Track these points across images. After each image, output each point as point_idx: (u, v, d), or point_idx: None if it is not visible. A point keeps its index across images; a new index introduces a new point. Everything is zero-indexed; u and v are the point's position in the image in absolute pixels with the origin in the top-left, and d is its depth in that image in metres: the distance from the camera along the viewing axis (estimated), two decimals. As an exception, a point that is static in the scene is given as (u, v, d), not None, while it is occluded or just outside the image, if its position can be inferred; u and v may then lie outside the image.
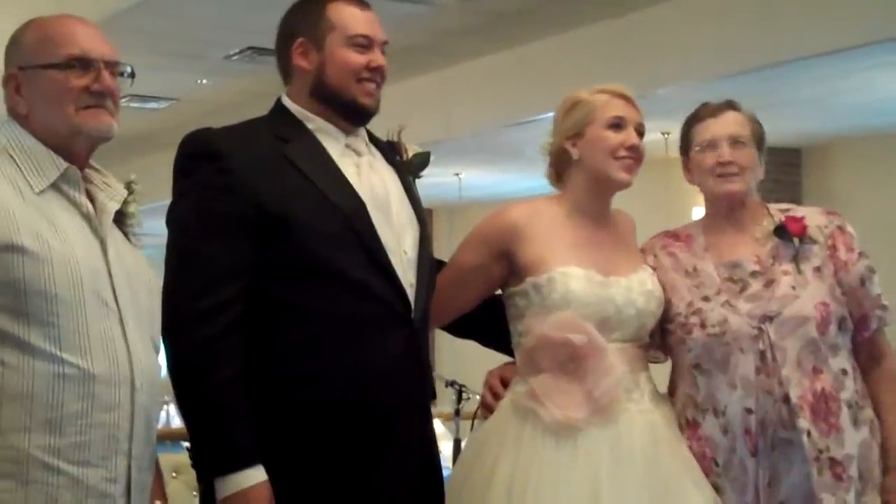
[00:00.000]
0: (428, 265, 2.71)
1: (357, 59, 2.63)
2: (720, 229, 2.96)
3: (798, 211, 2.96)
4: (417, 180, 2.88)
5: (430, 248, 2.74)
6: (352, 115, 2.66)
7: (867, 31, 6.50)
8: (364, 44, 2.64)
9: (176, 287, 2.45)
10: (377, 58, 2.65)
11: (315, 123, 2.65)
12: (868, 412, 2.84)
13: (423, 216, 2.76)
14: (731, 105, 2.97)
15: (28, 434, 2.10)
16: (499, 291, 2.93)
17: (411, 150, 2.86)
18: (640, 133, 2.88)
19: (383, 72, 2.67)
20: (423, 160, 2.89)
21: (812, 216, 2.94)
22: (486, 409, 2.94)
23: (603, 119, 2.84)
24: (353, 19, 2.65)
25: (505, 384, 2.91)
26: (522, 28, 8.11)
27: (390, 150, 2.81)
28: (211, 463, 2.44)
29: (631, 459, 2.69)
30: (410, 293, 2.60)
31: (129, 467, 2.22)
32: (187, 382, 2.43)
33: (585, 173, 2.87)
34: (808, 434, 2.72)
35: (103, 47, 2.31)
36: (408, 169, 2.83)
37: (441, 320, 2.91)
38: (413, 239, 2.68)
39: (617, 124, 2.84)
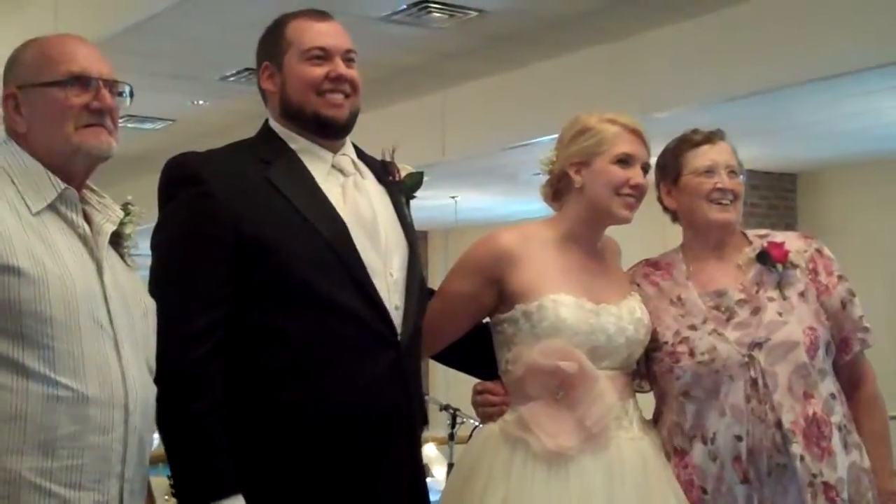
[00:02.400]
0: (417, 287, 2.67)
1: (313, 71, 2.59)
2: (701, 258, 2.95)
3: (777, 236, 2.96)
4: (413, 202, 2.86)
5: (419, 269, 2.70)
6: (321, 129, 2.62)
7: (863, 56, 6.52)
8: (320, 55, 2.60)
9: (158, 312, 2.41)
10: (337, 67, 2.60)
11: (299, 144, 2.63)
12: (856, 436, 2.85)
13: (414, 238, 2.73)
14: (721, 134, 2.97)
15: (20, 456, 2.08)
16: (486, 319, 2.89)
17: (404, 170, 2.82)
18: (645, 171, 2.84)
19: (349, 80, 2.62)
20: (416, 181, 2.85)
21: (791, 241, 2.95)
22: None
23: (612, 153, 2.80)
24: (309, 33, 2.62)
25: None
26: (519, 51, 8.12)
27: (383, 171, 2.77)
28: (191, 491, 2.42)
29: (623, 488, 2.67)
30: (396, 315, 2.56)
31: (122, 490, 2.20)
32: (170, 408, 2.39)
33: (586, 203, 2.84)
34: (802, 459, 2.72)
35: (102, 66, 2.32)
36: (401, 190, 2.79)
37: (431, 349, 2.86)
38: (401, 260, 2.64)
39: (625, 160, 2.80)
